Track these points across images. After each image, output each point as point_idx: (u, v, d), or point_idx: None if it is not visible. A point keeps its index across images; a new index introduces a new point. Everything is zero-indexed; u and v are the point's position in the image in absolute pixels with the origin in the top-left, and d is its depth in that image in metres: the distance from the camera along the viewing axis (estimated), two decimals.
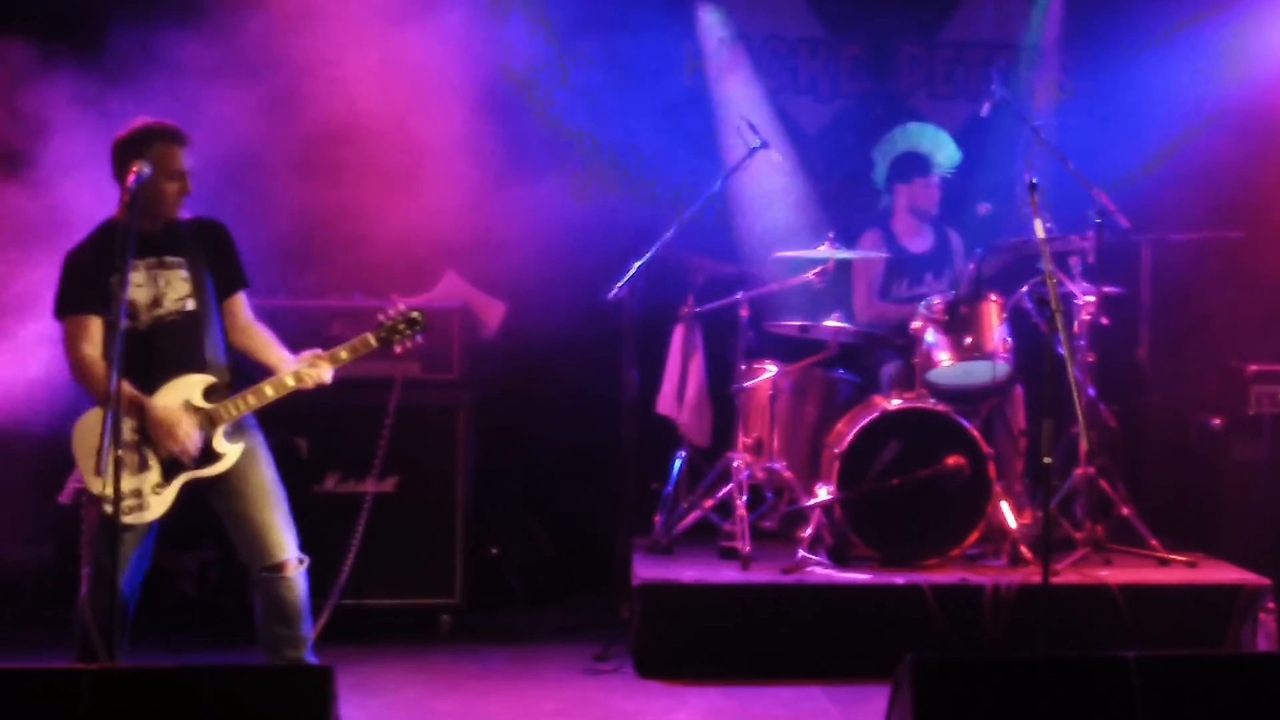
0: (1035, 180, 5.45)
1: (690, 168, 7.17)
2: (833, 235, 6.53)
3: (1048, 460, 5.07)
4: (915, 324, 6.50)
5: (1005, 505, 6.24)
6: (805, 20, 7.68)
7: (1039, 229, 5.39)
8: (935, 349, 6.40)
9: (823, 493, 6.20)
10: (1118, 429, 6.53)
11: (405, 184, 6.47)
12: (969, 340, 6.34)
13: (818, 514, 6.19)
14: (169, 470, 4.77)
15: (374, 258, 6.48)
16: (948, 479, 6.11)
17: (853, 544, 6.16)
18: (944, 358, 6.37)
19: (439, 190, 6.42)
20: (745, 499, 6.26)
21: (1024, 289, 6.31)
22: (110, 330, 4.58)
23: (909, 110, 7.57)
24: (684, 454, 6.72)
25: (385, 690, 5.56)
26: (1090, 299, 6.30)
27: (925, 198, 6.99)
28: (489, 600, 6.69)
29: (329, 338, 5.97)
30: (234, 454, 4.83)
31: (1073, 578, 5.90)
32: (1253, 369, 6.75)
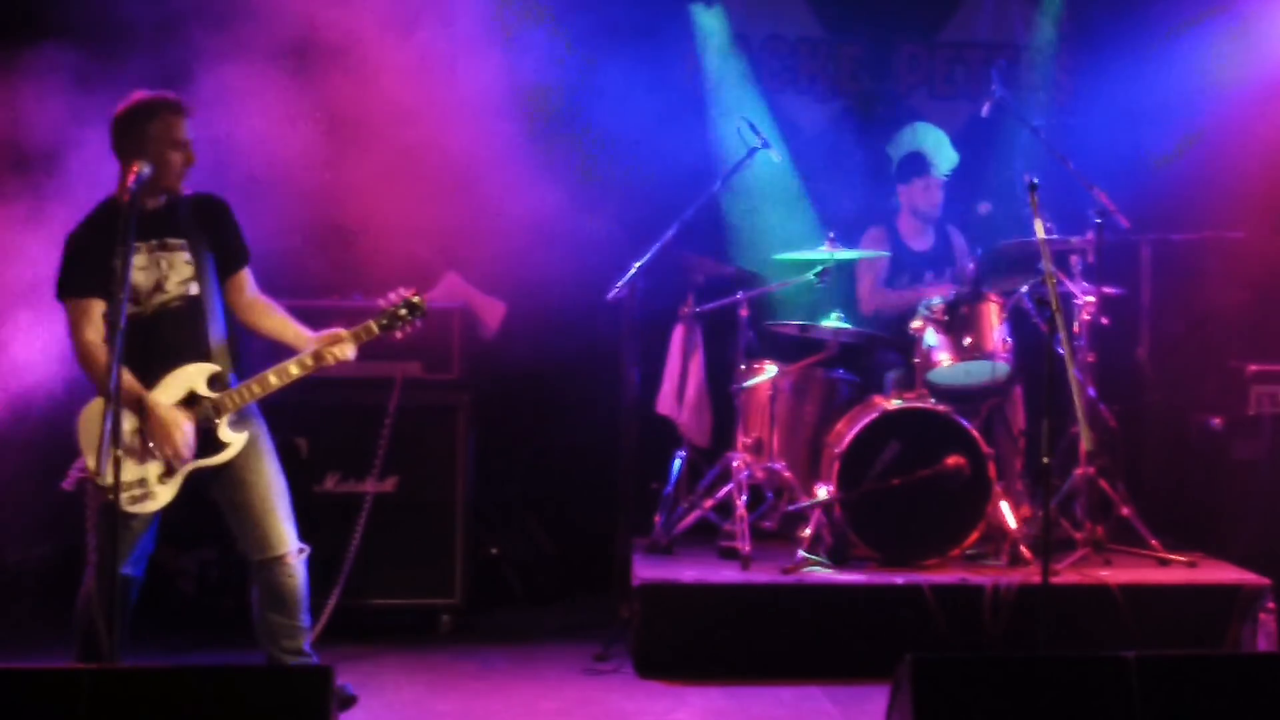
0: (1035, 180, 5.45)
1: (690, 168, 7.17)
2: (833, 235, 6.53)
3: (1048, 460, 5.08)
4: (915, 324, 6.50)
5: (1005, 505, 6.24)
6: (805, 20, 7.69)
7: (1039, 229, 5.39)
8: (935, 349, 6.40)
9: (822, 493, 6.20)
10: (1118, 429, 6.52)
11: (405, 184, 6.47)
12: (969, 340, 6.35)
13: (818, 514, 6.19)
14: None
15: (374, 258, 6.48)
16: (948, 479, 6.11)
17: (853, 544, 6.16)
18: (944, 358, 6.37)
19: (439, 190, 6.43)
20: (745, 499, 6.26)
21: (1024, 289, 6.31)
22: (112, 319, 4.53)
23: (909, 110, 7.58)
24: (684, 454, 6.72)
25: (385, 690, 5.56)
26: (1090, 299, 6.30)
27: (925, 199, 6.99)
28: (489, 600, 6.69)
29: None
30: (239, 443, 4.81)
31: (1073, 578, 5.90)
32: (1253, 369, 6.75)
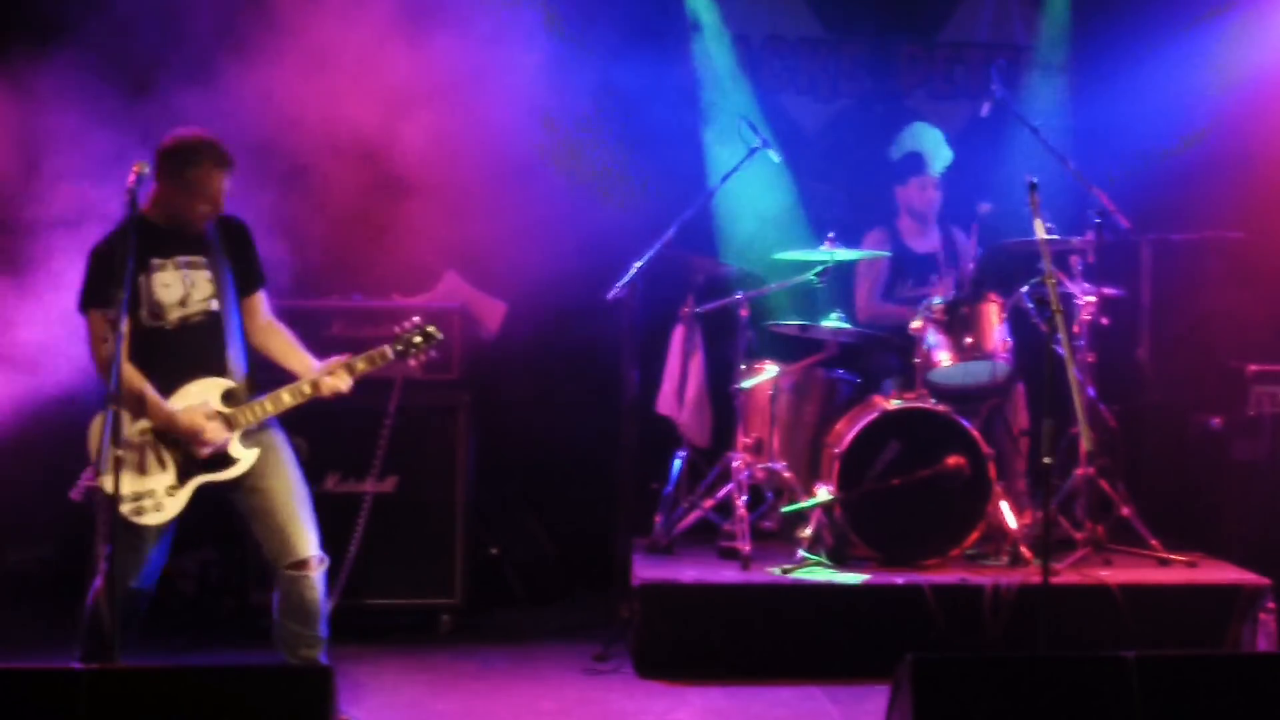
0: (1035, 180, 5.44)
1: (690, 168, 7.15)
2: (833, 235, 6.53)
3: (1048, 460, 5.08)
4: (915, 324, 6.49)
5: (1005, 505, 6.24)
6: (805, 20, 7.68)
7: (1039, 229, 5.39)
8: (935, 349, 6.40)
9: (823, 493, 6.20)
10: (1118, 429, 6.52)
11: (406, 184, 6.47)
12: (969, 340, 6.35)
13: (818, 514, 6.19)
14: (184, 472, 4.82)
15: (374, 258, 6.48)
16: (948, 479, 6.11)
17: (853, 544, 6.16)
18: (944, 358, 6.37)
19: (439, 191, 6.42)
20: (745, 499, 6.26)
21: (1024, 289, 6.31)
22: (135, 328, 4.63)
23: (909, 110, 7.58)
24: (684, 454, 6.72)
25: (385, 690, 5.56)
26: (1090, 299, 6.30)
27: (921, 199, 6.98)
28: (489, 600, 6.69)
29: (329, 338, 5.98)
30: (249, 459, 4.87)
31: (1073, 578, 5.90)
32: (1253, 369, 6.75)
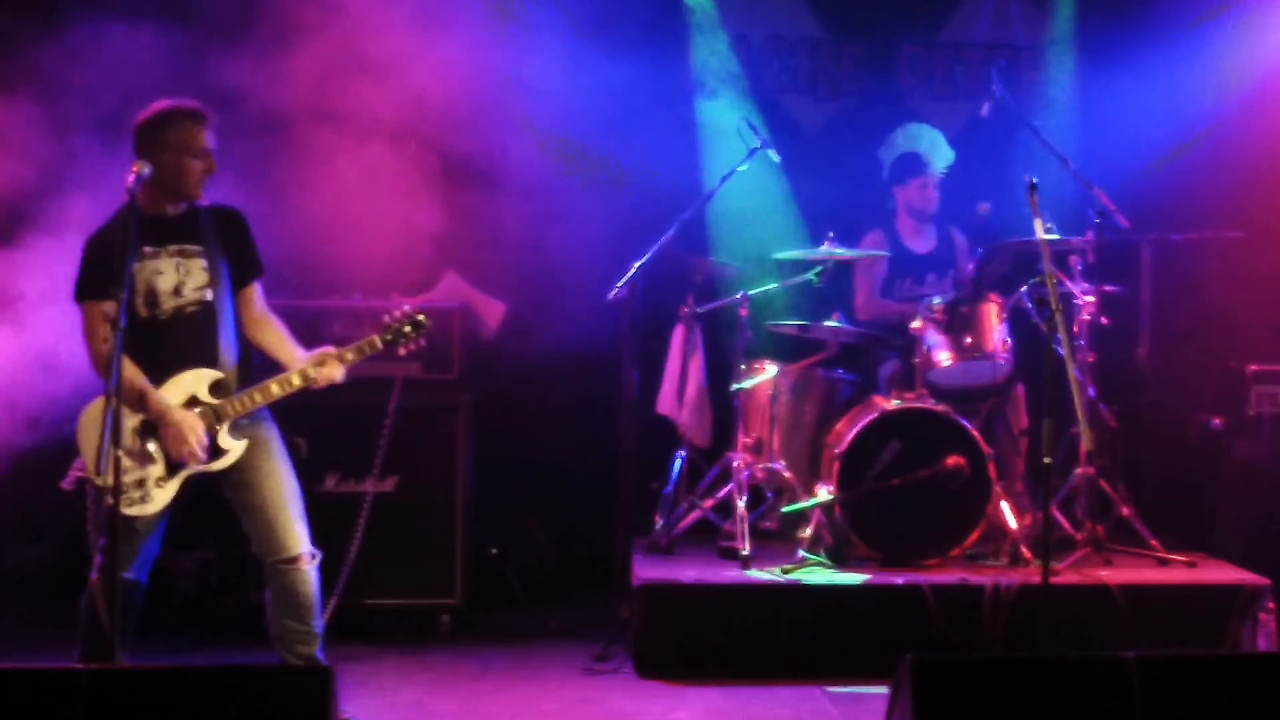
0: (1035, 180, 5.45)
1: (690, 168, 7.15)
2: (833, 235, 6.53)
3: (1048, 460, 5.08)
4: (915, 324, 6.49)
5: (1005, 505, 6.24)
6: (805, 20, 7.68)
7: (1039, 229, 5.39)
8: (935, 349, 6.40)
9: (822, 493, 6.20)
10: (1118, 429, 6.52)
11: (406, 184, 6.47)
12: (969, 340, 6.35)
13: (818, 514, 6.19)
14: (173, 464, 4.78)
15: (374, 258, 6.47)
16: (948, 479, 6.11)
17: (853, 544, 6.16)
18: (944, 358, 6.37)
19: (439, 191, 6.42)
20: (745, 499, 6.26)
21: (1024, 289, 6.31)
22: (129, 320, 4.55)
23: (909, 110, 7.58)
24: (684, 454, 6.72)
25: (385, 690, 5.56)
26: (1090, 299, 6.30)
27: (921, 199, 6.99)
28: (489, 600, 6.69)
29: (329, 338, 5.96)
30: (237, 450, 4.84)
31: (1073, 578, 5.90)
32: (1253, 369, 6.74)
